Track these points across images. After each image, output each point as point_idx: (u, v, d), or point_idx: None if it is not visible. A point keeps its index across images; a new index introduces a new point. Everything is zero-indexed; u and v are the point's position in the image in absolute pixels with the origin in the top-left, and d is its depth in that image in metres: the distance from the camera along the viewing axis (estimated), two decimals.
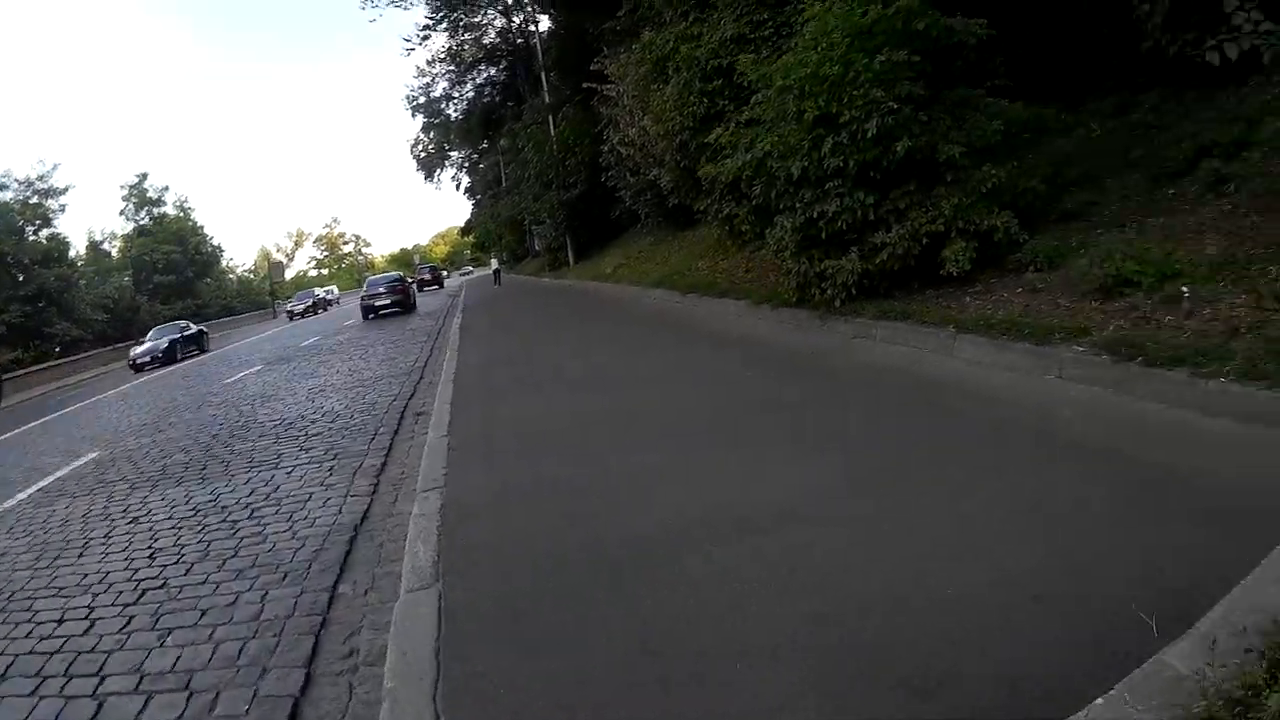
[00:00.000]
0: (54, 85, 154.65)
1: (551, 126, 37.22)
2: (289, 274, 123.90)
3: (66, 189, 59.18)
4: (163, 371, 29.01)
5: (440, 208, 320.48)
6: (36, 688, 4.46)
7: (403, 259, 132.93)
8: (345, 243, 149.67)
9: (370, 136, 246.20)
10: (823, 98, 9.02)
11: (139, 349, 34.24)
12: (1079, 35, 11.02)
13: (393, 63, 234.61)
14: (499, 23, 54.37)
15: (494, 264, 52.33)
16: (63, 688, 4.40)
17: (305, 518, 6.56)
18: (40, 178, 57.58)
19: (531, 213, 41.75)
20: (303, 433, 10.13)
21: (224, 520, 6.93)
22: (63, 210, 61.08)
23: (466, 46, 56.42)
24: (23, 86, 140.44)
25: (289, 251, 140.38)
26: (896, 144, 8.54)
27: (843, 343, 8.90)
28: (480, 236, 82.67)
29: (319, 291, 70.10)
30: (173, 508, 7.72)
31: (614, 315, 17.50)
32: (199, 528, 6.85)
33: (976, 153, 8.74)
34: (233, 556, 5.93)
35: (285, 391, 14.67)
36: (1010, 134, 9.12)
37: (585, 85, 22.69)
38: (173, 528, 7.03)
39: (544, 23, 43.62)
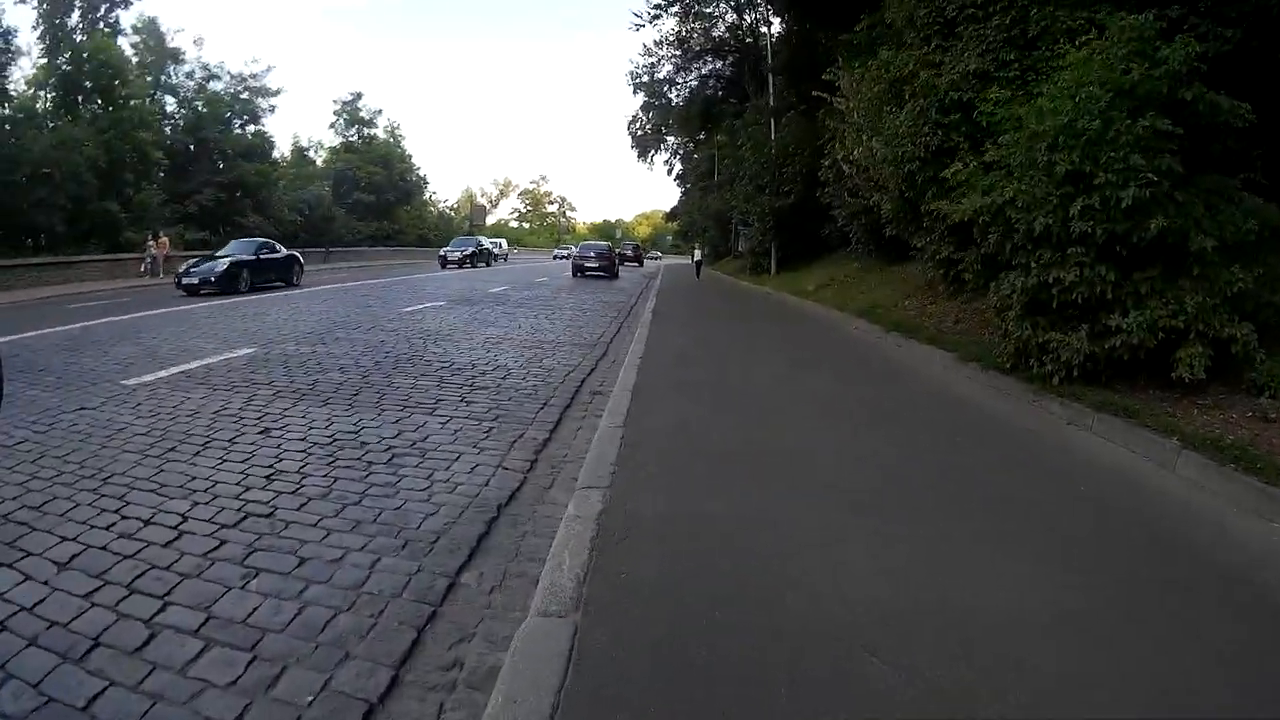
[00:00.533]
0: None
1: (773, 130, 36.53)
2: (490, 219, 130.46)
3: (278, 91, 66.40)
4: (222, 303, 21.36)
5: (648, 189, 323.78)
6: (93, 591, 4.13)
7: (604, 230, 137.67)
8: (551, 202, 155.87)
9: (586, 105, 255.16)
10: (1077, 153, 8.29)
11: (198, 268, 25.78)
12: None
13: (613, 38, 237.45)
14: (730, 18, 53.94)
15: (696, 255, 50.68)
16: (119, 601, 4.03)
17: (447, 480, 6.04)
18: (253, 75, 63.41)
19: (740, 212, 41.27)
20: (468, 383, 9.87)
21: (359, 459, 6.51)
22: (272, 111, 66.59)
23: (695, 35, 56.25)
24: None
25: (493, 198, 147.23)
26: (1151, 220, 7.77)
27: (1056, 427, 8.08)
28: (684, 225, 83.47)
29: (485, 242, 59.94)
30: (310, 429, 7.47)
31: (814, 337, 16.74)
32: (329, 459, 6.48)
33: (1227, 249, 7.90)
34: (355, 504, 5.46)
35: (461, 335, 14.77)
36: (1262, 236, 8.17)
37: (814, 94, 22.01)
38: (302, 451, 6.71)
39: (775, 25, 42.93)
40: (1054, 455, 7.13)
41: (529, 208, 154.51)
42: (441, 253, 51.70)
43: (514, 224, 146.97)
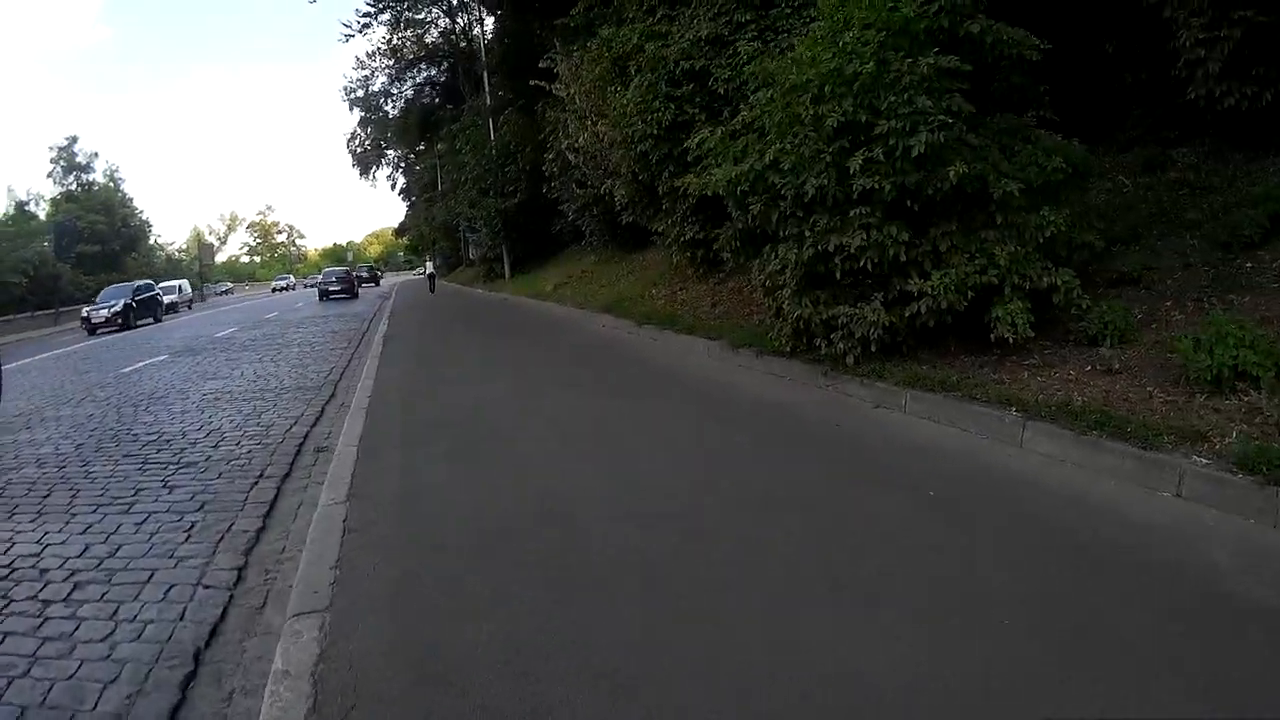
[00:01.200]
0: None
1: (491, 130, 35.03)
2: (221, 257, 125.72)
3: None
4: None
5: (376, 207, 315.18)
6: None
7: (335, 254, 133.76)
8: (279, 232, 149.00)
9: (309, 126, 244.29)
10: (849, 101, 7.21)
11: None
12: (1102, 80, 9.70)
13: (333, 52, 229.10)
14: (443, 23, 52.38)
15: (428, 267, 47.21)
16: None
17: (134, 618, 4.39)
18: None
19: (466, 219, 39.51)
20: (176, 459, 7.96)
21: (35, 598, 4.80)
22: None
23: (408, 44, 54.49)
24: None
25: (221, 234, 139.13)
26: (949, 169, 6.76)
27: (863, 412, 7.03)
28: (414, 240, 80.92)
29: (159, 288, 42.23)
30: None
31: (560, 343, 15.09)
32: (3, 601, 4.76)
33: (1032, 193, 7.08)
34: (23, 675, 3.85)
35: (177, 394, 12.35)
36: (1066, 175, 7.45)
37: (532, 83, 20.63)
38: None
39: (490, 23, 41.66)
40: (880, 452, 5.98)
41: (258, 240, 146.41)
42: (85, 313, 34.83)
43: (245, 259, 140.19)
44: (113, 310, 33.97)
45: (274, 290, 73.68)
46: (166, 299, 42.61)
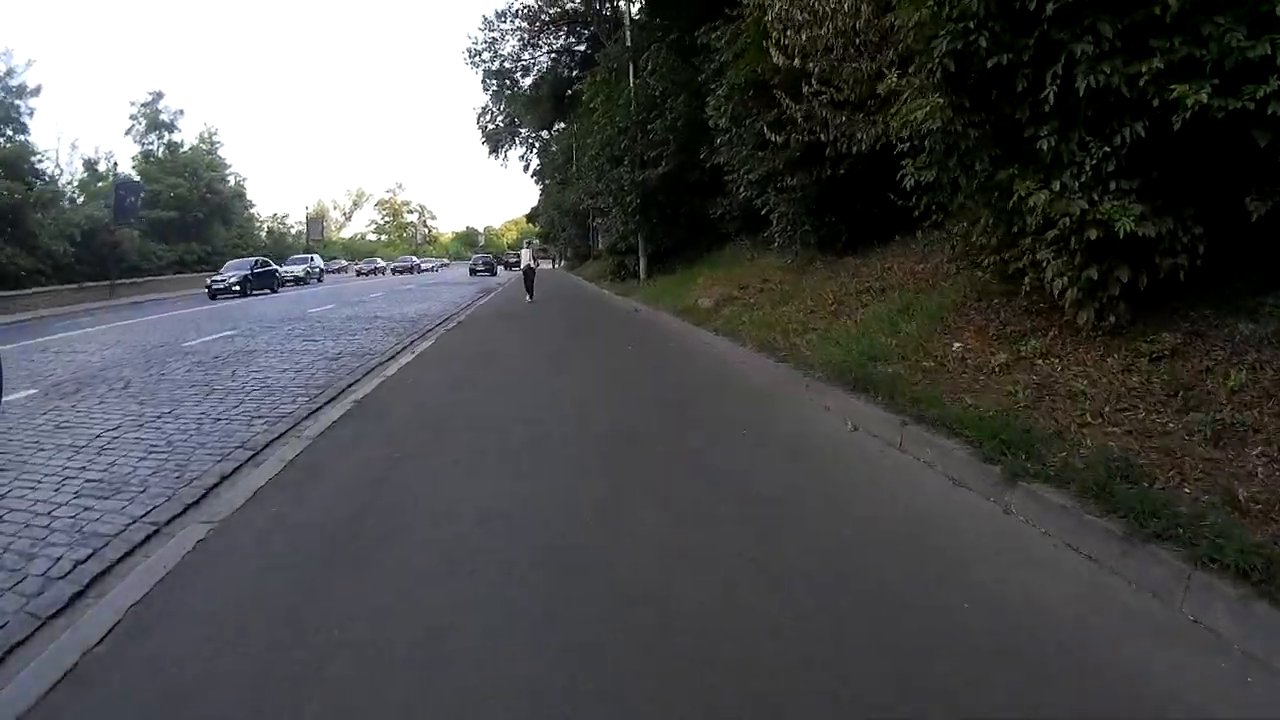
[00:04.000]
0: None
1: (631, 77, 26.42)
2: (346, 232, 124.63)
3: (38, 89, 50.32)
4: None
5: (513, 192, 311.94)
6: None
7: (467, 238, 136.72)
8: (410, 211, 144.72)
9: (441, 103, 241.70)
10: None
11: None
12: None
13: (466, 20, 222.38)
14: None
15: (524, 257, 28.21)
16: None
17: None
18: (7, 73, 48.52)
19: (592, 196, 30.84)
20: None
21: None
22: (30, 114, 50.59)
23: (541, 3, 49.02)
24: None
25: (346, 210, 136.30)
26: None
27: None
28: (544, 226, 76.64)
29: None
30: None
31: (753, 491, 5.53)
32: None
33: None
34: None
35: None
36: None
37: None
38: None
39: None
40: None
41: (387, 219, 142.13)
42: None
43: (371, 237, 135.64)
44: None
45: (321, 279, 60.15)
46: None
